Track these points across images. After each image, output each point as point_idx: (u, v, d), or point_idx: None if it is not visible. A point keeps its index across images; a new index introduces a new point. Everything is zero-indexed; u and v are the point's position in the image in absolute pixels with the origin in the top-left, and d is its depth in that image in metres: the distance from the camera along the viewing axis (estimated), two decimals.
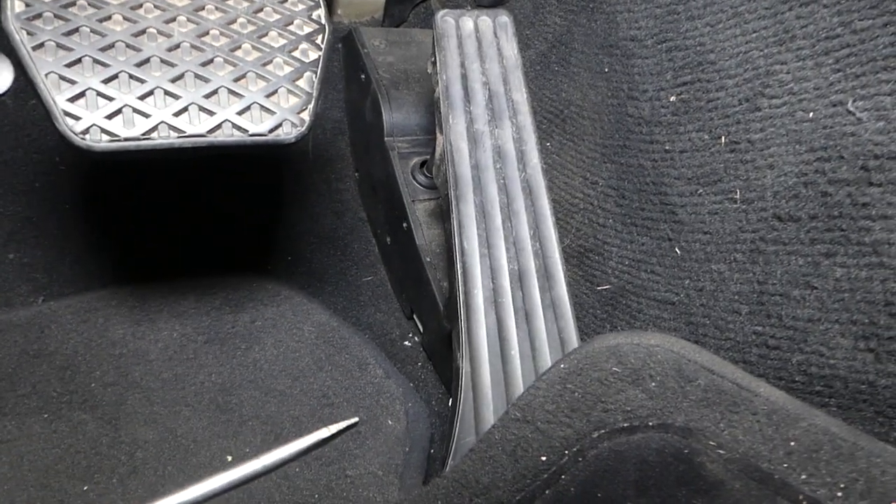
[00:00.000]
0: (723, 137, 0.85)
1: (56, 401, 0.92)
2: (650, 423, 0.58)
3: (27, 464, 0.85)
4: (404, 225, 1.14)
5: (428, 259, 1.09)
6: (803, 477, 0.51)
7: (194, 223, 1.20)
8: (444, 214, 1.10)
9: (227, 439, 0.93)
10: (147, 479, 0.87)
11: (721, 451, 0.55)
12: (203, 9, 0.78)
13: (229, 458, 0.90)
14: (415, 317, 1.19)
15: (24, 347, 0.97)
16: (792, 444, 0.53)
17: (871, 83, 0.70)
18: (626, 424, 0.59)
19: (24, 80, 1.07)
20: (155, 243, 1.16)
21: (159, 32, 0.74)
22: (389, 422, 0.95)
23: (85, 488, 0.85)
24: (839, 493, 0.50)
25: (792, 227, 0.75)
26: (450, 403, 0.89)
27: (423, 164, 1.19)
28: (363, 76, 1.28)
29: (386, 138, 1.20)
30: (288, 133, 0.77)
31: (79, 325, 1.02)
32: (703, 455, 0.55)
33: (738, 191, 0.82)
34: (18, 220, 1.07)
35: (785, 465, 0.52)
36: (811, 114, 0.75)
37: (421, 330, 1.17)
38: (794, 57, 0.79)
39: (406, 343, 1.17)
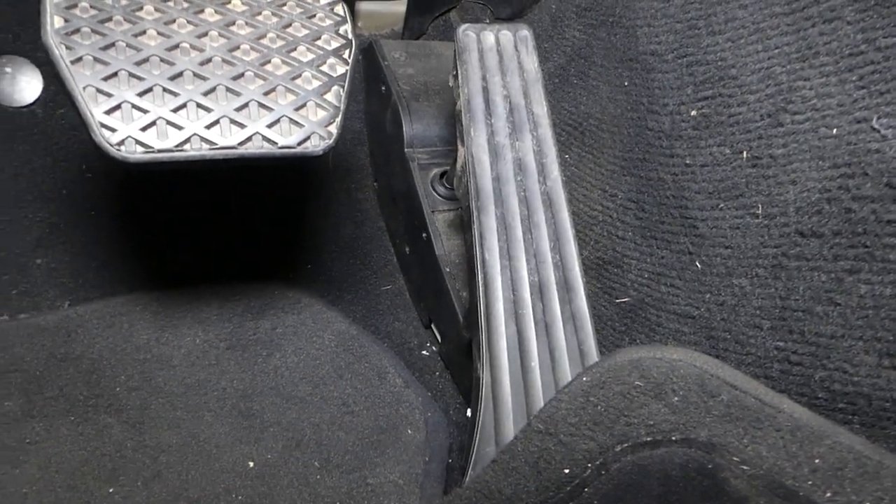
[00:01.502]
0: (744, 152, 0.86)
1: (82, 404, 0.94)
2: (673, 438, 0.59)
3: (54, 465, 0.87)
4: (424, 235, 1.15)
5: (447, 269, 1.10)
6: (828, 495, 0.52)
7: (217, 231, 1.21)
8: (464, 225, 1.11)
9: (249, 445, 0.94)
10: (171, 483, 0.88)
11: (745, 467, 0.55)
12: (234, 24, 0.79)
13: (251, 465, 0.91)
14: (433, 326, 1.20)
15: (52, 351, 0.98)
16: (816, 461, 0.54)
17: (895, 100, 0.70)
18: (649, 438, 0.60)
19: (53, 90, 1.09)
20: (179, 250, 1.18)
21: (192, 47, 0.76)
22: (409, 431, 0.96)
23: (111, 490, 0.86)
24: None
25: (815, 242, 0.76)
26: (468, 413, 0.90)
27: (442, 174, 1.20)
28: (383, 88, 1.29)
29: (406, 149, 1.21)
30: (316, 146, 0.78)
31: (104, 329, 1.03)
32: (726, 471, 0.55)
33: (760, 206, 0.83)
34: (46, 226, 1.09)
35: (809, 483, 0.53)
36: (835, 130, 0.76)
37: (439, 339, 1.18)
38: (818, 73, 0.80)
39: (424, 352, 1.18)
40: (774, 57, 0.84)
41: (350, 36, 0.86)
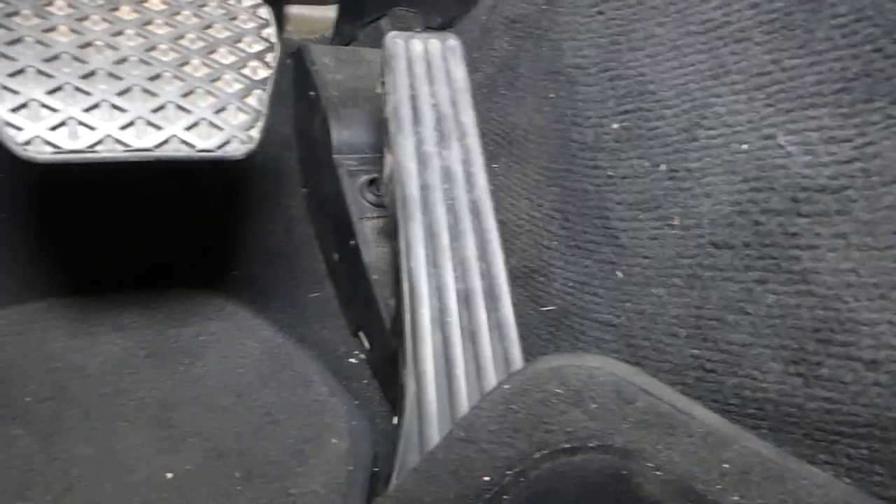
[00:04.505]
0: (662, 165, 0.88)
1: None
2: (590, 445, 0.60)
3: None
4: (352, 242, 1.14)
5: (375, 277, 1.09)
6: (735, 498, 0.53)
7: (138, 236, 1.18)
8: (391, 233, 1.11)
9: (167, 455, 0.91)
10: (83, 496, 0.85)
11: (658, 473, 0.56)
12: (151, 23, 0.77)
13: (169, 476, 0.89)
14: (361, 334, 1.19)
15: None
16: (725, 466, 0.56)
17: (799, 119, 0.74)
18: (567, 445, 0.61)
19: None
20: (96, 255, 1.13)
21: (106, 45, 0.73)
22: (333, 440, 0.95)
23: None
24: None
25: (727, 253, 0.79)
26: (394, 422, 0.89)
27: (371, 181, 1.19)
28: (312, 93, 1.28)
29: (334, 155, 1.20)
30: (236, 150, 0.77)
31: (14, 337, 0.99)
32: (640, 476, 0.57)
33: (676, 217, 0.85)
34: None
35: (718, 487, 0.54)
36: (745, 146, 0.79)
37: (367, 347, 1.17)
38: (729, 91, 0.83)
39: (352, 360, 1.17)
40: (689, 74, 0.87)
41: (273, 39, 0.85)
